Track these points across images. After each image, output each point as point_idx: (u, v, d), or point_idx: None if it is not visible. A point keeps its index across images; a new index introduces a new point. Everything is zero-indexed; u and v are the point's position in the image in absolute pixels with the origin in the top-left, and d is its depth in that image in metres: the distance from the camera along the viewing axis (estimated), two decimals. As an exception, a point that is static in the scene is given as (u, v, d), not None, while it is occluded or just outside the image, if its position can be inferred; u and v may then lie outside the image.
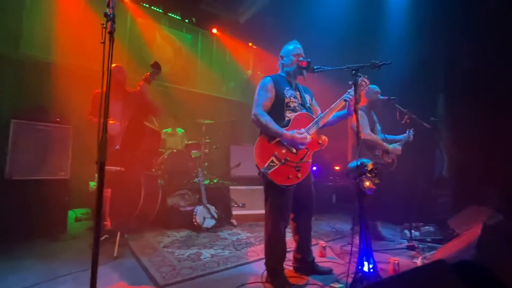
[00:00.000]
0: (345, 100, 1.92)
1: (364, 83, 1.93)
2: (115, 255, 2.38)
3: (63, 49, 4.11)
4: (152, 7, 5.30)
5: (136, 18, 5.26)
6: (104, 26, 1.07)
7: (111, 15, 1.10)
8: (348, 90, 1.92)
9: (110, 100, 3.05)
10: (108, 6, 1.33)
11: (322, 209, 4.63)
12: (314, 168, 5.15)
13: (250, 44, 6.49)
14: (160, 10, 5.34)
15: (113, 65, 2.98)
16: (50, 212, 2.84)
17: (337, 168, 5.24)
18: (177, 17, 5.52)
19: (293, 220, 2.15)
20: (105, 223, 2.74)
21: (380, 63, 1.68)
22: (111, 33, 1.05)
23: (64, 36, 4.13)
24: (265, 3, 5.21)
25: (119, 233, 2.53)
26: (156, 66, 2.89)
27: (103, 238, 2.68)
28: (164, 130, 4.79)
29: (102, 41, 1.07)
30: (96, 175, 1.06)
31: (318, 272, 2.14)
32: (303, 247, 2.15)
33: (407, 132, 3.14)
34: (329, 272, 2.15)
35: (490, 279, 1.32)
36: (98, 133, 1.07)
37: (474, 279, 1.27)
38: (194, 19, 5.70)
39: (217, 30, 5.99)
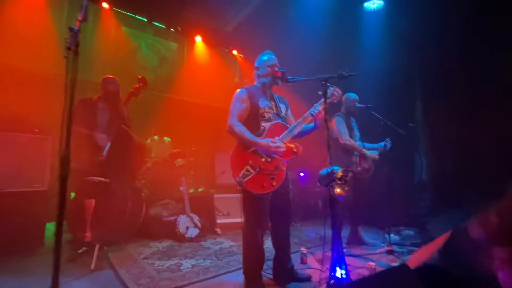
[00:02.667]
0: (312, 115, 1.97)
1: (336, 93, 1.98)
2: (92, 268, 2.32)
3: (42, 58, 4.07)
4: (137, 16, 5.32)
5: (120, 27, 5.27)
6: (67, 40, 1.08)
7: (75, 30, 1.11)
8: (314, 105, 1.99)
9: (99, 110, 3.05)
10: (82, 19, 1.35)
11: (308, 215, 4.66)
12: (302, 174, 5.19)
13: (235, 52, 6.55)
14: (145, 19, 5.35)
15: (110, 76, 3.03)
16: (26, 225, 2.75)
17: (323, 173, 5.30)
18: (162, 26, 5.54)
19: (272, 227, 2.16)
20: (85, 234, 2.67)
21: (347, 74, 1.73)
22: (69, 48, 1.06)
23: (44, 45, 4.09)
24: (250, 13, 5.31)
25: (97, 246, 2.48)
26: (143, 81, 2.94)
27: (81, 251, 2.62)
28: (151, 138, 4.76)
29: (65, 55, 1.07)
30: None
31: (297, 279, 2.15)
32: (282, 255, 2.16)
33: (385, 141, 3.22)
34: (308, 279, 2.17)
35: (453, 284, 1.35)
36: (61, 147, 1.05)
37: (437, 284, 1.30)
38: (179, 28, 5.73)
39: (203, 38, 6.04)
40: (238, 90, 2.09)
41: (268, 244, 2.23)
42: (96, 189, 2.65)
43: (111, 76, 3.06)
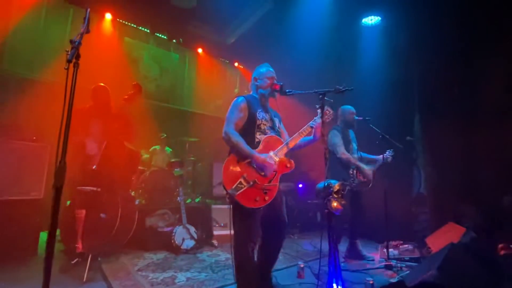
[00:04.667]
0: (311, 127, 1.97)
1: (328, 112, 1.98)
2: (84, 279, 2.28)
3: (45, 66, 4.12)
4: (140, 27, 5.43)
5: (123, 37, 5.36)
6: (68, 52, 1.10)
7: (77, 43, 1.13)
8: (315, 118, 1.99)
9: (91, 119, 3.05)
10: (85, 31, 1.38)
11: (306, 227, 4.61)
12: (300, 186, 5.16)
13: (236, 64, 6.65)
14: (147, 30, 5.45)
15: (101, 84, 3.05)
16: (20, 234, 2.71)
17: (322, 186, 5.26)
18: (164, 37, 5.64)
19: (262, 243, 2.09)
20: (76, 245, 2.63)
21: (344, 89, 1.76)
22: (69, 61, 1.08)
23: (46, 53, 4.16)
24: (251, 26, 5.42)
25: (90, 256, 2.43)
26: (137, 88, 2.92)
27: (74, 261, 2.57)
28: (153, 148, 4.78)
29: (65, 67, 1.09)
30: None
31: None
32: (265, 270, 2.11)
33: (387, 152, 3.21)
34: None
35: (451, 301, 1.33)
36: (57, 156, 1.05)
37: (434, 301, 1.28)
38: (181, 39, 5.83)
39: (204, 50, 6.14)
40: (237, 98, 2.06)
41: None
42: (87, 198, 2.61)
43: (100, 84, 3.04)
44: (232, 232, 1.94)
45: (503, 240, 2.64)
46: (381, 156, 3.22)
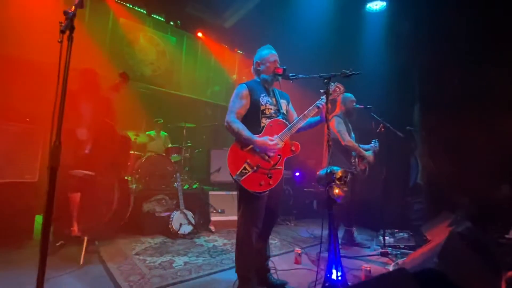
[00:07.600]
0: (318, 107, 1.93)
1: (338, 90, 1.95)
2: (81, 262, 2.27)
3: (36, 46, 3.96)
4: (136, 8, 5.22)
5: (118, 18, 5.17)
6: (61, 24, 1.02)
7: (71, 14, 1.06)
8: (321, 97, 1.94)
9: (81, 102, 2.98)
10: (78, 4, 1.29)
11: (302, 215, 4.65)
12: (297, 174, 5.17)
13: (235, 49, 6.48)
14: (144, 11, 5.25)
15: (89, 67, 2.95)
16: (15, 217, 2.67)
17: (319, 174, 5.29)
18: (162, 19, 5.45)
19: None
20: (71, 228, 2.59)
21: (350, 73, 1.70)
22: (63, 32, 1.01)
23: (37, 33, 3.99)
24: (250, 10, 5.25)
25: (86, 239, 2.41)
26: (124, 76, 2.87)
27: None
28: (147, 133, 4.72)
29: (59, 40, 1.02)
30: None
31: (269, 285, 2.06)
32: (260, 255, 2.08)
33: (373, 142, 3.22)
34: (282, 285, 2.07)
35: None
36: (51, 137, 1.00)
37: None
38: (179, 22, 5.63)
39: (203, 34, 5.95)
40: (239, 86, 2.02)
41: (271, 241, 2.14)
42: (81, 182, 2.58)
43: (89, 67, 2.95)
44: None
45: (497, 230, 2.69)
46: (370, 145, 3.24)
